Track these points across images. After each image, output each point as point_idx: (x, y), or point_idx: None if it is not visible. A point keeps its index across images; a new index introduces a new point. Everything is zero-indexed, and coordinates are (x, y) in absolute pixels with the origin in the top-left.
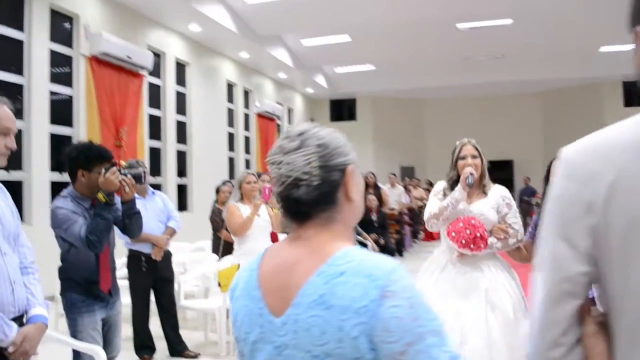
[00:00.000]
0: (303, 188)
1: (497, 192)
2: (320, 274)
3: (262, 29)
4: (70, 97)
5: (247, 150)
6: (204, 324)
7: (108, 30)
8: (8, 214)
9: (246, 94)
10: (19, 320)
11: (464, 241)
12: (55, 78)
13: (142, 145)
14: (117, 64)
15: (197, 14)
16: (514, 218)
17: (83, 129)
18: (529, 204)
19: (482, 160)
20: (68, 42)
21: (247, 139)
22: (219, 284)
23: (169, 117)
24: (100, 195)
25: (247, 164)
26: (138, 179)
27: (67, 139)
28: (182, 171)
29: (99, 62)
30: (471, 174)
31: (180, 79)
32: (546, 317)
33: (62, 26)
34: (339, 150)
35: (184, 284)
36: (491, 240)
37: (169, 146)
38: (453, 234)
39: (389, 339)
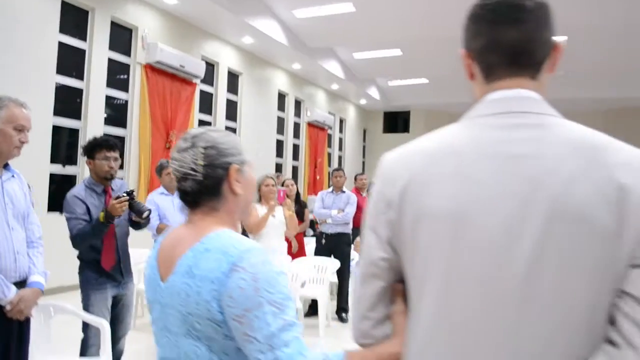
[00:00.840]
0: (189, 181)
1: None
2: (193, 249)
3: (313, 41)
4: (126, 102)
5: (296, 157)
6: None
7: (165, 41)
8: (20, 197)
9: (298, 103)
10: (20, 285)
11: None
12: (113, 83)
13: None
14: (171, 72)
15: (250, 27)
16: None
17: (135, 130)
18: None
19: None
20: (126, 51)
21: (295, 147)
22: None
23: (219, 123)
24: (102, 215)
25: (295, 170)
26: (139, 213)
27: (121, 139)
28: None
29: (154, 69)
30: None
31: (233, 88)
32: (358, 294)
33: (121, 36)
34: (225, 152)
35: None
36: None
37: None
38: None
39: (231, 304)
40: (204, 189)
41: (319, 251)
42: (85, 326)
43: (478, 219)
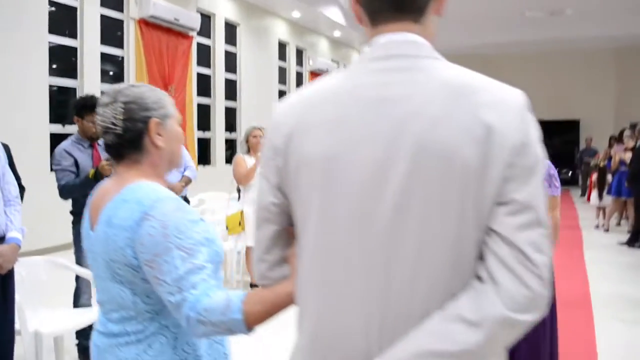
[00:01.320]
0: (110, 135)
1: None
2: (113, 200)
3: None
4: (122, 58)
5: None
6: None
7: None
8: None
9: (299, 52)
10: None
11: None
12: (108, 40)
13: (190, 102)
14: (166, 26)
15: None
16: None
17: None
18: (589, 165)
19: None
20: (119, 7)
21: None
22: (227, 227)
23: (218, 76)
24: (92, 172)
25: None
26: None
27: None
28: (232, 126)
29: (148, 24)
30: None
31: (231, 39)
32: (254, 238)
33: None
34: (146, 106)
35: None
36: None
37: (218, 103)
38: None
39: (142, 250)
40: (125, 142)
41: None
42: (78, 277)
43: (346, 162)
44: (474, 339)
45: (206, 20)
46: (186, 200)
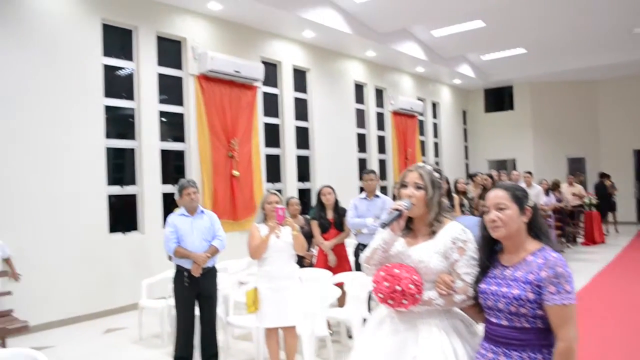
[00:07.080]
0: None
1: (448, 233)
2: None
3: (381, 25)
4: (182, 115)
5: (382, 150)
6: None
7: (219, 48)
8: None
9: (379, 92)
10: None
11: (381, 295)
12: (168, 99)
13: (257, 153)
14: (227, 79)
15: (306, 21)
16: (467, 267)
17: (194, 143)
18: None
19: (427, 191)
20: (178, 64)
21: (381, 139)
22: (247, 305)
23: (288, 124)
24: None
25: (382, 163)
26: None
27: (181, 153)
28: (305, 176)
29: (208, 79)
30: (396, 209)
31: (301, 86)
32: None
33: (170, 50)
34: None
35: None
36: (429, 294)
37: (288, 153)
38: (374, 284)
39: None
40: None
41: (358, 265)
42: None
43: None
44: None
45: (272, 68)
46: (214, 270)
